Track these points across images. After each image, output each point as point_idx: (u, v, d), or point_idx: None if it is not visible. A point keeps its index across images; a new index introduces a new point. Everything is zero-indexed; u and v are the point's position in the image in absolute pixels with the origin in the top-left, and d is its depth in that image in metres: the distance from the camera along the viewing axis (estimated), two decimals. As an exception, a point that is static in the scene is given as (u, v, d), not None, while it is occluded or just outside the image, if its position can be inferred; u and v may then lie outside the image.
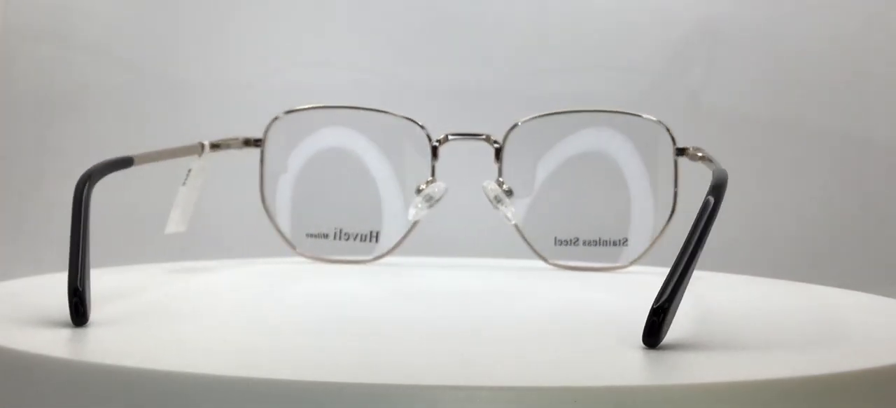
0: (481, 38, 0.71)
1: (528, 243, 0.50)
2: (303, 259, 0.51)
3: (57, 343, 0.28)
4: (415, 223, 0.50)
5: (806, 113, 0.69)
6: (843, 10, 0.69)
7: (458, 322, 0.34)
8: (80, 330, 0.30)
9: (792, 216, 0.69)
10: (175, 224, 0.47)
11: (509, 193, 0.49)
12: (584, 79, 0.70)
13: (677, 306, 0.29)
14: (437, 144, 0.49)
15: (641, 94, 0.69)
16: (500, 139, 0.49)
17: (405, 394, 0.24)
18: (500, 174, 0.49)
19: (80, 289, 0.31)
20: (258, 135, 0.51)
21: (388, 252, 0.50)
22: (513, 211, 0.48)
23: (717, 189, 0.33)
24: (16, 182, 0.73)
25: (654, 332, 0.29)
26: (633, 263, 0.49)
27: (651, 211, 0.49)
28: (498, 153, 0.49)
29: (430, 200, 0.48)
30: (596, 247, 0.49)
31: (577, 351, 0.29)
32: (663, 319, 0.29)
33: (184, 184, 0.47)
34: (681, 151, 0.47)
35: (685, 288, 0.29)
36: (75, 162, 0.72)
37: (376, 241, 0.51)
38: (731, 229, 0.49)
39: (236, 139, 0.51)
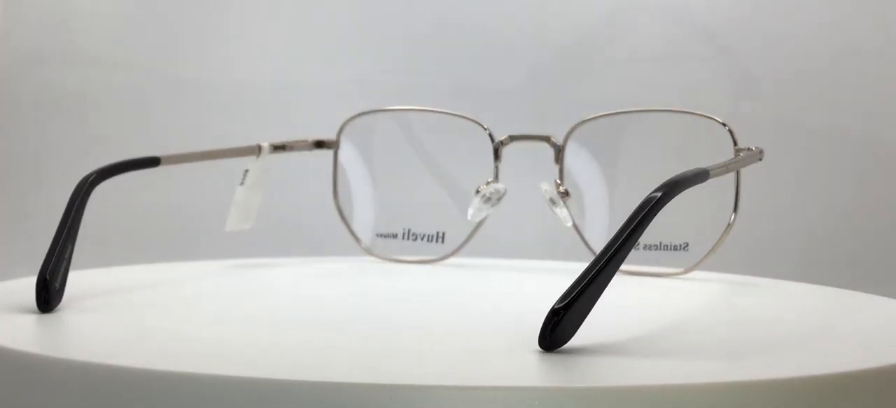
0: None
1: (588, 247, 0.48)
2: (370, 259, 0.52)
3: (30, 337, 0.29)
4: (479, 224, 0.49)
5: (805, 112, 0.69)
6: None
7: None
8: (67, 325, 0.32)
9: (792, 216, 0.69)
10: (234, 222, 0.49)
11: (566, 194, 0.48)
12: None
13: (587, 308, 0.28)
14: (499, 144, 0.49)
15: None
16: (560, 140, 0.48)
17: (405, 394, 0.24)
18: (560, 176, 0.48)
19: (49, 278, 0.35)
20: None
21: (453, 253, 0.51)
22: (566, 213, 0.47)
23: (671, 187, 0.31)
24: (16, 182, 0.73)
25: (548, 334, 0.28)
26: (692, 269, 0.46)
27: (712, 214, 0.46)
28: (558, 154, 0.48)
29: (489, 201, 0.48)
30: (656, 251, 0.47)
31: (469, 350, 0.29)
32: (559, 322, 0.27)
33: (241, 184, 0.49)
34: (741, 152, 0.44)
35: (600, 290, 0.28)
36: (75, 162, 0.73)
37: (442, 242, 0.51)
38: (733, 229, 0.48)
39: (305, 141, 0.52)
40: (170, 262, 0.52)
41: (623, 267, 0.44)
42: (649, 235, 0.44)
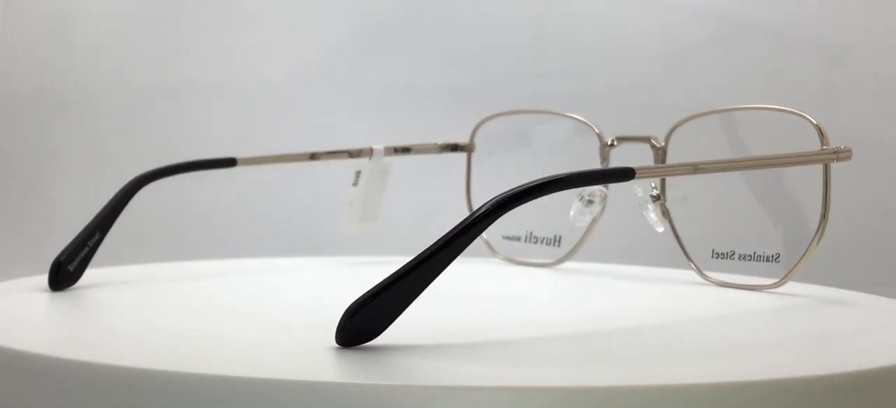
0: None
1: (686, 254, 0.46)
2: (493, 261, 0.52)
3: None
4: (590, 228, 0.48)
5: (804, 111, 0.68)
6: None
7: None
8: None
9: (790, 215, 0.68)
10: (349, 221, 0.51)
11: (658, 199, 0.46)
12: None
13: (393, 310, 0.29)
14: (606, 146, 0.48)
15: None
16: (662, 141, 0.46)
17: (406, 394, 0.24)
18: (663, 182, 0.46)
19: (63, 260, 0.39)
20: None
21: (567, 256, 0.50)
22: (658, 218, 0.46)
23: (513, 198, 0.30)
24: (16, 182, 0.73)
25: (341, 331, 0.29)
26: (783, 282, 0.42)
27: (803, 221, 0.43)
28: (658, 155, 0.46)
29: (591, 205, 0.47)
30: (750, 262, 0.43)
31: (272, 344, 0.30)
32: (350, 319, 0.28)
33: (354, 184, 0.51)
34: (832, 153, 0.40)
35: (411, 294, 0.29)
36: (75, 162, 0.73)
37: (559, 245, 0.50)
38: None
39: (432, 144, 0.52)
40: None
41: (714, 277, 0.44)
42: (743, 243, 0.43)
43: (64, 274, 0.39)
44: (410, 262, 0.29)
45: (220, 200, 0.70)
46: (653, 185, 0.46)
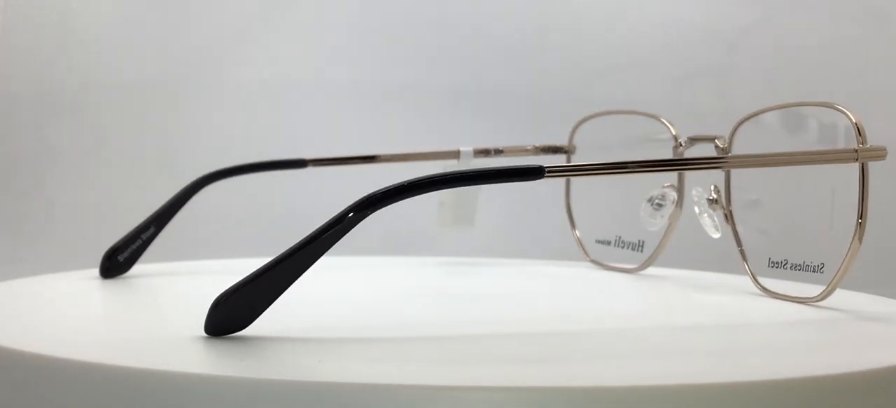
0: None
1: (745, 263, 0.43)
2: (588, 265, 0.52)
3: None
4: (668, 232, 0.47)
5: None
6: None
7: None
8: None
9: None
10: (443, 222, 0.51)
11: (714, 202, 0.44)
12: None
13: (260, 302, 0.30)
14: (681, 145, 0.46)
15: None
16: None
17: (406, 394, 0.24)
18: (726, 182, 0.44)
19: (114, 249, 0.41)
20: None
21: (648, 262, 0.49)
22: (715, 223, 0.44)
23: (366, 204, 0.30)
24: (16, 182, 0.73)
25: (207, 320, 0.30)
26: (826, 295, 0.40)
27: (845, 226, 0.39)
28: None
29: (660, 208, 0.46)
30: (799, 271, 0.41)
31: (141, 336, 0.30)
32: (215, 309, 0.29)
33: None
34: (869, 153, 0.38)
35: (278, 288, 0.30)
36: (75, 162, 0.73)
37: (642, 250, 0.49)
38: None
39: (523, 148, 0.52)
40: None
41: (761, 284, 0.42)
42: (792, 253, 0.41)
43: (114, 263, 0.41)
44: (275, 258, 0.30)
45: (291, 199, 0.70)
46: (713, 188, 0.44)
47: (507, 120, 0.74)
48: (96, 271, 0.42)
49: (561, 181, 0.53)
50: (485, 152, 0.50)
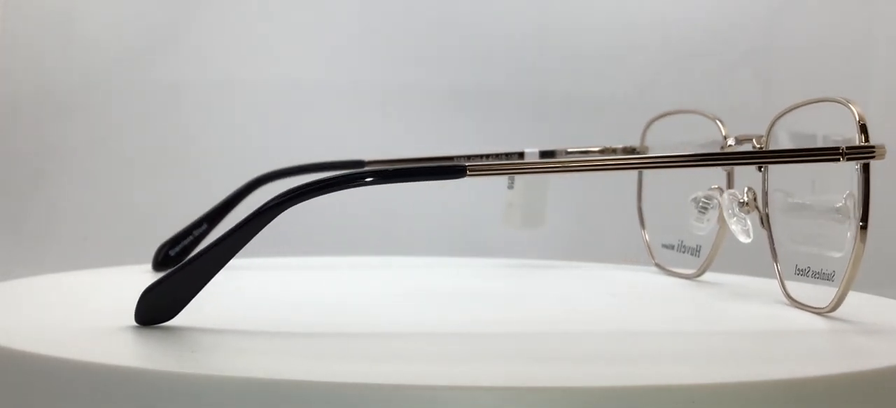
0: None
1: (777, 271, 0.41)
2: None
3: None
4: (720, 237, 0.46)
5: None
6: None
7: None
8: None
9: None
10: (508, 222, 0.51)
11: (745, 204, 0.42)
12: None
13: (185, 293, 0.31)
14: (727, 144, 0.44)
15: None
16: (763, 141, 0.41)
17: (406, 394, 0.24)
18: (764, 184, 0.41)
19: (167, 245, 0.43)
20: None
21: (704, 267, 0.48)
22: (744, 228, 0.42)
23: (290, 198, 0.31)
24: (16, 182, 0.73)
25: (136, 310, 0.31)
26: (834, 306, 0.38)
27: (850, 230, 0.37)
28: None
29: (706, 210, 0.45)
30: (819, 280, 0.39)
31: (76, 328, 0.31)
32: (143, 298, 0.31)
33: (509, 187, 0.51)
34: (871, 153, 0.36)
35: (202, 279, 0.31)
36: (75, 162, 0.73)
37: (698, 255, 0.48)
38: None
39: (596, 148, 0.51)
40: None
41: (788, 292, 0.40)
42: (813, 260, 0.38)
43: (165, 257, 0.43)
44: (200, 250, 0.31)
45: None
46: (746, 190, 0.42)
47: (508, 121, 0.74)
48: (148, 266, 0.43)
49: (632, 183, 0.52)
50: (550, 154, 0.50)
